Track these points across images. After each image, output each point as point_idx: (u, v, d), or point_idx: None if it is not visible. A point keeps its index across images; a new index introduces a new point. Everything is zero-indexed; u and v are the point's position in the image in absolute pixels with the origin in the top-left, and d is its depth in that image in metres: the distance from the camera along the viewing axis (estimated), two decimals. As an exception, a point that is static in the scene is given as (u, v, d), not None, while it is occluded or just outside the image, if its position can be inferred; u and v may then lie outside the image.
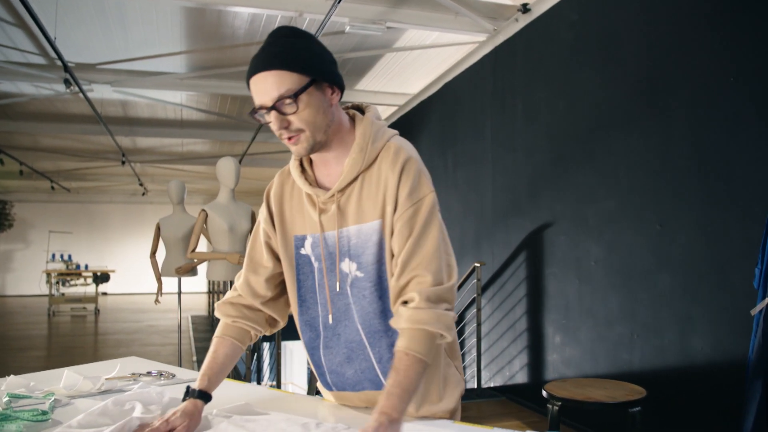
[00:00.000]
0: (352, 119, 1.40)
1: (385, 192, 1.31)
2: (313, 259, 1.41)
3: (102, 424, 1.28)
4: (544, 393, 2.68)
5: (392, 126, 7.76)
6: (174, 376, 1.80)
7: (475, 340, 5.29)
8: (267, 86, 1.24)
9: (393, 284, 1.31)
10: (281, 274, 1.47)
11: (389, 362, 1.34)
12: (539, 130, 4.57)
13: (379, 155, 1.34)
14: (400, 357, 1.23)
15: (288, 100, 1.23)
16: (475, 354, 5.30)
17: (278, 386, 4.41)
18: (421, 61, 6.41)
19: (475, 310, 5.22)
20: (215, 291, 9.14)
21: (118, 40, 5.60)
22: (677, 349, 3.21)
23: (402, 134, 1.45)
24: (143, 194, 15.17)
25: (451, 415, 1.44)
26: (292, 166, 1.42)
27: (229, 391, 1.65)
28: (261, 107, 1.26)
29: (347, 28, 4.92)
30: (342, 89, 1.33)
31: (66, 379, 1.64)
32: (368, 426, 1.12)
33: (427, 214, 1.30)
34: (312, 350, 1.47)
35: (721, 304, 3.03)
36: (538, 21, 4.62)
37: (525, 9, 4.72)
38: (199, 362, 6.81)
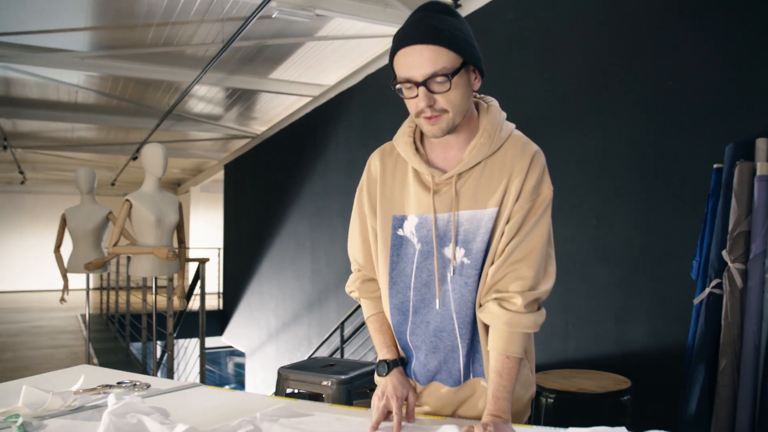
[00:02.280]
0: (476, 107, 1.38)
1: (509, 181, 1.29)
2: (416, 240, 1.34)
3: None
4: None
5: (307, 117, 7.66)
6: (149, 386, 1.61)
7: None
8: (422, 60, 1.19)
9: (491, 272, 1.29)
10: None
11: (472, 355, 1.36)
12: (471, 125, 4.60)
13: (504, 144, 1.32)
14: (501, 360, 1.26)
15: (441, 78, 1.20)
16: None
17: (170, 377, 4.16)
18: (343, 51, 6.28)
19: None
20: (133, 288, 8.51)
21: (13, 8, 5.03)
22: (613, 338, 3.33)
23: (318, 125, 1.44)
24: (21, 183, 13.92)
25: (518, 418, 1.40)
26: (405, 143, 1.36)
27: (213, 401, 1.51)
28: (408, 81, 1.21)
29: (275, 14, 4.71)
30: (483, 75, 1.31)
31: (26, 396, 1.40)
32: (482, 422, 1.19)
33: (543, 210, 1.30)
34: (400, 335, 1.42)
35: (658, 295, 3.17)
36: (472, 18, 4.64)
37: (456, 4, 4.72)
38: (102, 364, 6.31)
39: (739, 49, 2.86)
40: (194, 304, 5.01)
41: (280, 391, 2.56)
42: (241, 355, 11.06)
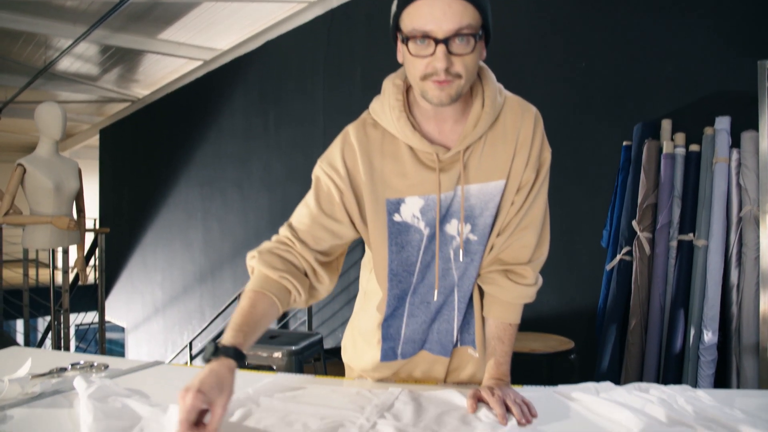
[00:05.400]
0: None
1: (515, 151, 1.21)
2: (423, 225, 1.22)
3: (116, 428, 1.03)
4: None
5: (198, 81, 7.28)
6: (107, 366, 1.49)
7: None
8: (449, 14, 1.03)
9: (497, 243, 1.26)
10: (346, 237, 1.26)
11: (467, 326, 1.34)
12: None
13: (502, 110, 1.22)
14: (503, 327, 1.27)
15: (464, 39, 1.05)
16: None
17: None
18: (241, 14, 6.01)
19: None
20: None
21: None
22: (529, 306, 3.51)
23: (212, 90, 1.32)
24: None
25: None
26: (398, 119, 1.18)
27: (184, 379, 1.43)
28: (426, 36, 1.04)
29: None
30: (488, 44, 1.18)
31: (-25, 385, 1.26)
32: (487, 385, 1.20)
33: (545, 175, 1.27)
34: (390, 321, 1.32)
35: (570, 263, 3.38)
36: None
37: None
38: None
39: (648, 36, 3.08)
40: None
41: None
42: (116, 330, 10.49)
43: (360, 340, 1.42)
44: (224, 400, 0.94)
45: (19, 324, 5.24)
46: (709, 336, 2.55)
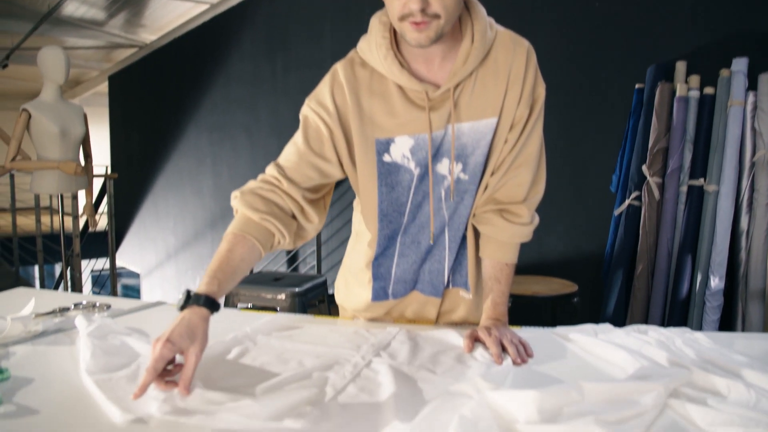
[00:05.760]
0: None
1: (507, 87, 1.16)
2: (413, 165, 1.20)
3: (114, 365, 1.04)
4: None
5: (205, 25, 7.15)
6: (110, 306, 1.51)
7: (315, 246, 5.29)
8: None
9: (491, 182, 1.23)
10: (334, 177, 1.24)
11: (455, 266, 1.32)
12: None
13: (493, 45, 1.17)
14: (499, 267, 1.26)
15: None
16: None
17: None
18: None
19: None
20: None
21: None
22: (534, 250, 3.51)
23: (219, 35, 1.26)
24: None
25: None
26: (385, 57, 1.14)
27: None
28: None
29: None
30: None
31: (-21, 323, 1.28)
32: (484, 325, 1.20)
33: (539, 112, 1.21)
34: (381, 260, 1.32)
35: (578, 207, 3.35)
36: None
37: None
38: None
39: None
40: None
41: (229, 306, 2.50)
42: (132, 276, 10.65)
43: (352, 280, 1.42)
44: (197, 348, 0.93)
45: (37, 270, 5.36)
46: (716, 282, 2.53)
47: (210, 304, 1.01)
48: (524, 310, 2.43)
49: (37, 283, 6.51)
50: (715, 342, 1.18)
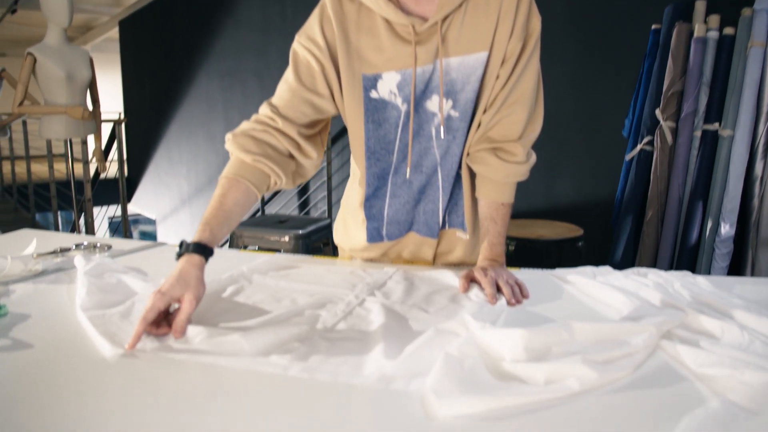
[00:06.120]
0: None
1: (498, 20, 1.12)
2: (400, 101, 1.17)
3: (109, 302, 1.05)
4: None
5: (213, -32, 6.99)
6: (111, 247, 1.52)
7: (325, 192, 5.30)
8: None
9: (484, 120, 1.19)
10: (328, 112, 1.22)
11: (450, 206, 1.31)
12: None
13: None
14: (495, 207, 1.23)
15: None
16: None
17: None
18: None
19: (325, 163, 5.19)
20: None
21: None
22: (543, 194, 3.48)
23: None
24: None
25: None
26: None
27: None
28: None
29: None
30: None
31: (-21, 260, 1.29)
32: (480, 266, 1.19)
33: (533, 46, 1.16)
34: (372, 201, 1.30)
35: (588, 152, 3.30)
36: None
37: None
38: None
39: None
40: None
41: (234, 248, 2.52)
42: (148, 222, 10.77)
43: (350, 220, 1.41)
44: (191, 295, 0.93)
45: (53, 216, 5.45)
46: (726, 228, 2.50)
47: (201, 250, 1.02)
48: (528, 254, 2.42)
49: (53, 229, 6.60)
50: (715, 286, 1.16)
